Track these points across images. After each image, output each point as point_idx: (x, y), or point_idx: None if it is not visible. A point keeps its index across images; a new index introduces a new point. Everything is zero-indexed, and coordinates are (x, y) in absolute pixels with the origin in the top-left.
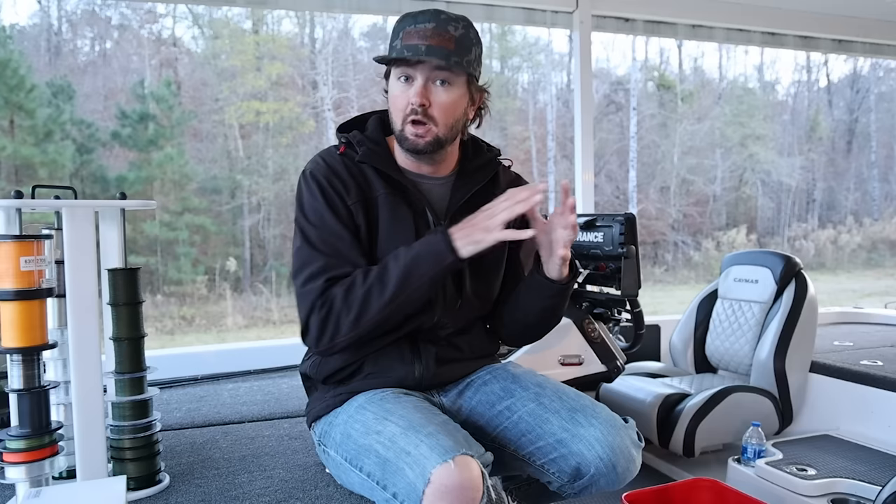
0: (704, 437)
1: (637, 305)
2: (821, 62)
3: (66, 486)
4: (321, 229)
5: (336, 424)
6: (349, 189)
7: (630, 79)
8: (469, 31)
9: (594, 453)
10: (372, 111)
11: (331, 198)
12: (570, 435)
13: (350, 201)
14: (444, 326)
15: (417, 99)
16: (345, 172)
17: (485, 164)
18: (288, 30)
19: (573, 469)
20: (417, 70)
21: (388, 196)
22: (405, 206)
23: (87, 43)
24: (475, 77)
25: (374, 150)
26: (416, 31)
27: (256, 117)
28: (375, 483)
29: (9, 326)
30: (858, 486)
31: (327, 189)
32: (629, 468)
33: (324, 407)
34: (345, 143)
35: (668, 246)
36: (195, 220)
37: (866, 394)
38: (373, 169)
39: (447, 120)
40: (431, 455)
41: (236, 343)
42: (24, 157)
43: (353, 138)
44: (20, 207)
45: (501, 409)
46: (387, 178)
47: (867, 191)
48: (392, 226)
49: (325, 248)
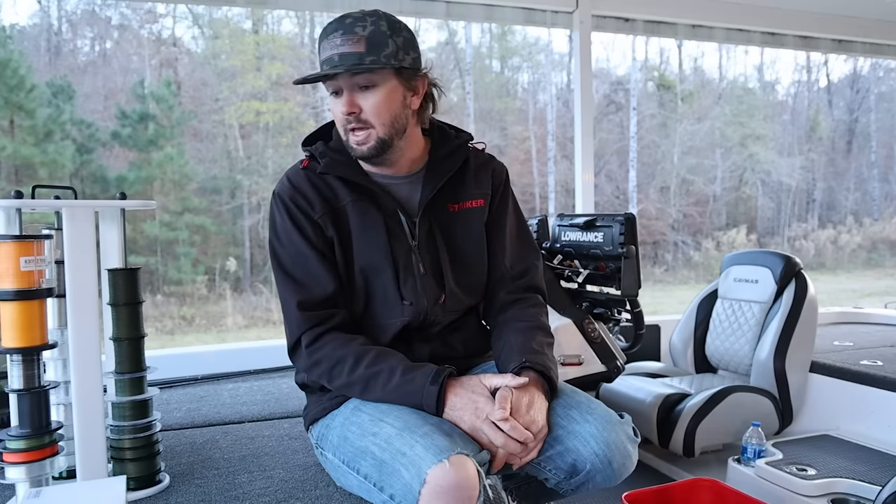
0: (704, 437)
1: (637, 305)
2: (821, 62)
3: (66, 486)
4: (289, 249)
5: (333, 427)
6: (313, 204)
7: (630, 79)
8: (379, 24)
9: (590, 449)
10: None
11: (296, 217)
12: (565, 432)
13: (316, 215)
14: (434, 323)
15: (346, 108)
16: (308, 188)
17: (452, 150)
18: (288, 30)
19: (569, 466)
20: (340, 81)
21: (356, 203)
22: (374, 210)
23: (87, 43)
24: (405, 67)
25: (337, 159)
26: (328, 44)
27: (256, 117)
28: (372, 485)
29: (9, 326)
30: (858, 486)
31: (292, 208)
32: (625, 464)
33: (320, 410)
34: (308, 157)
35: (668, 246)
36: (195, 220)
37: (866, 394)
38: (338, 178)
39: (383, 119)
40: (427, 455)
41: (236, 343)
42: (24, 157)
43: (315, 150)
44: (20, 207)
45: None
46: (353, 186)
47: (867, 191)
48: (363, 231)
49: (294, 269)
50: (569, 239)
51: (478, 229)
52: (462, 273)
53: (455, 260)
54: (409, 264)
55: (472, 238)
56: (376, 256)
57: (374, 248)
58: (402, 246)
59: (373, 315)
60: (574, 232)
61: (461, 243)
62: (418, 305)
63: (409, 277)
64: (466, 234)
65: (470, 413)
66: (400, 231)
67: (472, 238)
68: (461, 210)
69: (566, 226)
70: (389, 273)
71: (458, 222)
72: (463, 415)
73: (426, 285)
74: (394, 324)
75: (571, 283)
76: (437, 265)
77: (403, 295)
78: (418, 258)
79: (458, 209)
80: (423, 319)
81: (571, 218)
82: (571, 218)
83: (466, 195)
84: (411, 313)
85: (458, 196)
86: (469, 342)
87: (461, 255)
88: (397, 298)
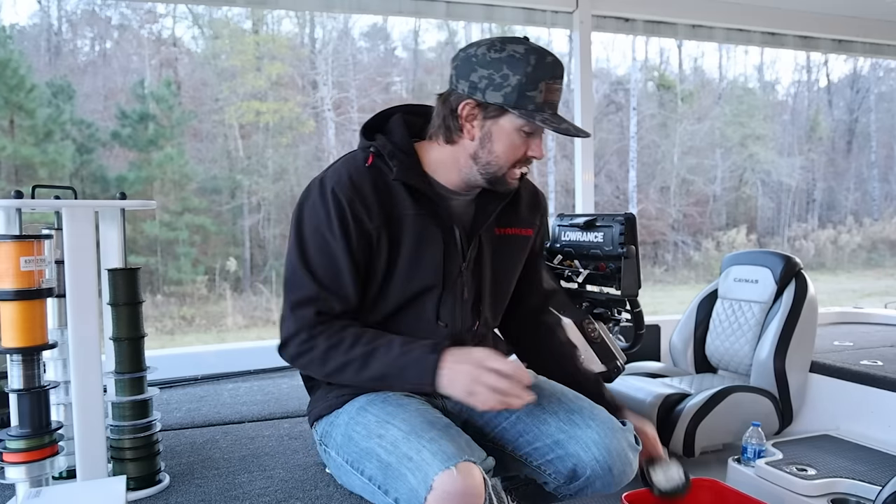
0: (704, 437)
1: (637, 305)
2: (821, 62)
3: (66, 486)
4: (324, 252)
5: (337, 425)
6: (371, 212)
7: (630, 79)
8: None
9: (590, 455)
10: (391, 108)
11: (346, 223)
12: (567, 436)
13: (372, 225)
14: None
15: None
16: (370, 192)
17: None
18: (288, 30)
19: (569, 470)
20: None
21: (416, 216)
22: (433, 226)
23: (87, 43)
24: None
25: (406, 163)
26: (554, 89)
27: (256, 117)
28: (377, 487)
29: (9, 326)
30: (858, 486)
31: (346, 212)
32: (625, 471)
33: (325, 406)
34: (373, 153)
35: (668, 246)
36: (195, 220)
37: (866, 394)
38: (402, 184)
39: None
40: (434, 461)
41: (236, 343)
42: (24, 157)
43: (382, 149)
44: (20, 207)
45: (501, 409)
46: (417, 196)
47: (867, 191)
48: (419, 246)
49: (321, 272)
50: (569, 239)
51: (519, 257)
52: (497, 300)
53: (495, 287)
54: (454, 287)
55: (513, 265)
56: (427, 274)
57: (428, 266)
58: (454, 266)
59: (398, 327)
60: (574, 232)
61: (503, 269)
62: (453, 329)
63: (450, 299)
64: (509, 261)
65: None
66: (454, 250)
67: (513, 265)
68: (508, 235)
69: (566, 226)
70: (436, 292)
71: (504, 247)
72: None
73: (465, 311)
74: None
75: (571, 283)
76: (478, 291)
77: (441, 316)
78: (464, 281)
79: (505, 234)
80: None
81: (571, 218)
82: (571, 218)
83: (516, 221)
84: (443, 336)
85: (508, 221)
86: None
87: (500, 281)
88: (433, 319)
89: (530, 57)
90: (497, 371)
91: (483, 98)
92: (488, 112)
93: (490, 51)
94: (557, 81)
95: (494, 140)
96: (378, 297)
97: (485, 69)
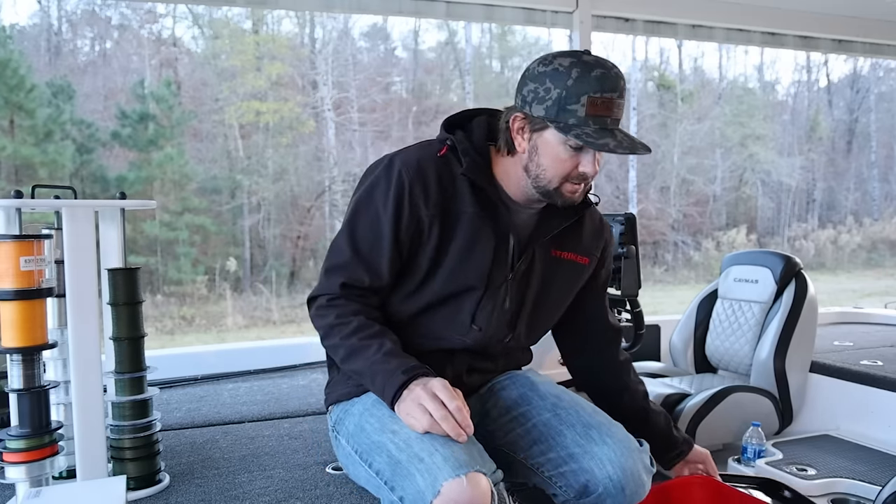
0: (704, 437)
1: (637, 305)
2: (821, 62)
3: (66, 486)
4: (371, 225)
5: (352, 413)
6: (430, 198)
7: (630, 79)
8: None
9: (605, 473)
10: (478, 109)
11: (402, 202)
12: (582, 451)
13: (427, 213)
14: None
15: (593, 171)
16: (433, 180)
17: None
18: (288, 30)
19: (581, 486)
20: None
21: (475, 217)
22: (489, 229)
23: (87, 43)
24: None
25: (477, 161)
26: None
27: (256, 117)
28: (383, 482)
29: (9, 326)
30: (858, 486)
31: (404, 192)
32: (638, 492)
33: (343, 393)
34: (448, 145)
35: (668, 246)
36: (195, 220)
37: (866, 394)
38: (468, 181)
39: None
40: (445, 466)
41: (236, 343)
42: (24, 157)
43: (458, 143)
44: (20, 207)
45: (516, 416)
46: (480, 196)
47: (867, 191)
48: (471, 245)
49: (362, 242)
50: None
51: (570, 284)
52: (536, 319)
53: (537, 305)
54: (496, 294)
55: (564, 291)
56: (472, 275)
57: (474, 267)
58: (500, 273)
59: (432, 322)
60: None
61: (550, 291)
62: (485, 334)
63: (490, 305)
64: (561, 285)
65: (422, 389)
66: (504, 257)
67: (564, 291)
68: (563, 259)
69: None
70: (476, 294)
71: (558, 270)
72: (413, 407)
73: (501, 320)
74: (450, 339)
75: None
76: (520, 304)
77: (476, 319)
78: (507, 291)
79: (560, 256)
80: (481, 349)
81: None
82: None
83: (575, 247)
84: (474, 339)
85: (566, 244)
86: (510, 361)
87: (545, 302)
88: (468, 320)
89: (573, 70)
90: (441, 403)
91: (529, 111)
92: (534, 125)
93: (539, 64)
94: (605, 95)
95: (541, 153)
96: (418, 288)
97: (532, 83)
